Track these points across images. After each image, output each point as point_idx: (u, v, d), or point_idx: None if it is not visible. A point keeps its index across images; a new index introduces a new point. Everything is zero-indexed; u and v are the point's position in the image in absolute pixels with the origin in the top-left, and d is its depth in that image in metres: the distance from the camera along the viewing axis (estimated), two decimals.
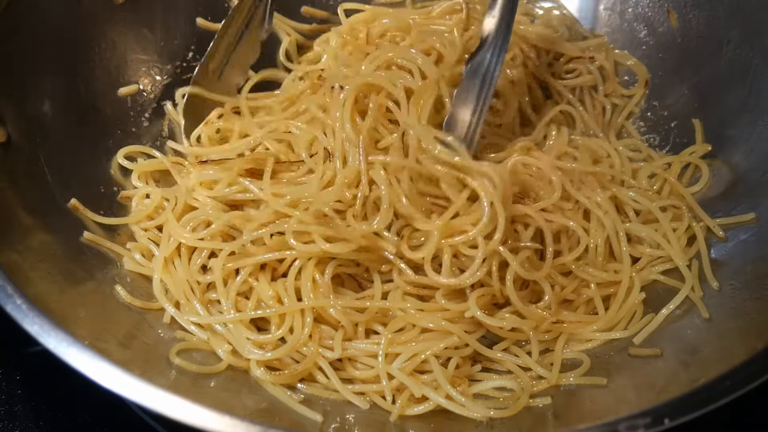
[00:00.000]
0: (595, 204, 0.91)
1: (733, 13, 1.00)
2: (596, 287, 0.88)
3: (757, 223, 0.89)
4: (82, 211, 0.91)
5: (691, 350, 0.79)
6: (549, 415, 0.77)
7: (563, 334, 0.86)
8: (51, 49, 0.96)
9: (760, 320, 0.76)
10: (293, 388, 0.81)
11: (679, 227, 0.92)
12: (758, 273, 0.83)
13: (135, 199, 0.97)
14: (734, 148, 0.97)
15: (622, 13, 1.13)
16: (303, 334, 0.81)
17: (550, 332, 0.86)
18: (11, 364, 0.93)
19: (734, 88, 0.98)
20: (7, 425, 0.88)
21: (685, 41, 1.06)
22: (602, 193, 0.92)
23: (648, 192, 0.96)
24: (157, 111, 1.08)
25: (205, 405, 0.64)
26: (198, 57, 1.11)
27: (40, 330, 0.67)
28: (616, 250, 0.91)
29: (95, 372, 0.65)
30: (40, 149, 0.91)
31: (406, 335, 0.83)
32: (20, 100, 0.91)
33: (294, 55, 1.13)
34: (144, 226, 0.93)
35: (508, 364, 0.84)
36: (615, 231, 0.90)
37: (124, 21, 1.05)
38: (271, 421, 0.74)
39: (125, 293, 0.85)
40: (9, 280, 0.70)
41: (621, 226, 0.91)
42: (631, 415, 0.62)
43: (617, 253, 0.91)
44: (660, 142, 1.05)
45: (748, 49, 0.97)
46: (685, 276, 0.88)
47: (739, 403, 0.64)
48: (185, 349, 0.81)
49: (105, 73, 1.03)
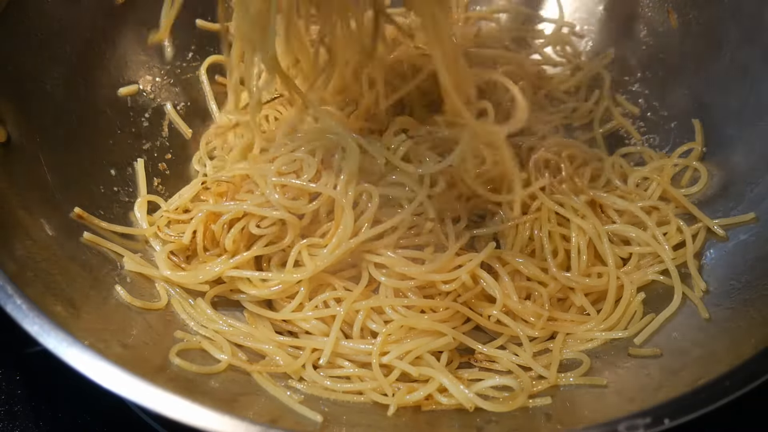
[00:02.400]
0: (571, 209, 0.92)
1: (733, 13, 1.00)
2: (581, 292, 0.89)
3: (757, 223, 0.89)
4: (87, 218, 0.91)
5: (691, 350, 0.79)
6: (549, 415, 0.77)
7: (560, 333, 0.86)
8: (51, 49, 0.96)
9: (760, 320, 0.76)
10: (293, 389, 0.81)
11: (669, 229, 0.93)
12: (758, 273, 0.83)
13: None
14: (734, 148, 0.97)
15: (621, 13, 1.14)
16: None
17: (543, 329, 0.86)
18: (11, 364, 0.93)
19: (734, 88, 0.98)
20: (7, 425, 0.88)
21: (685, 41, 1.06)
22: (578, 198, 0.93)
23: (631, 194, 0.97)
24: (157, 111, 1.08)
25: (205, 405, 0.64)
26: (198, 57, 1.11)
27: (40, 330, 0.67)
28: (600, 251, 0.91)
29: (95, 372, 0.65)
30: (40, 149, 0.91)
31: (396, 334, 0.84)
32: (20, 100, 0.91)
33: None
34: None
35: (505, 362, 0.84)
36: (597, 234, 0.91)
37: (124, 21, 1.05)
38: (271, 421, 0.73)
39: (125, 293, 0.85)
40: (9, 280, 0.70)
41: (602, 229, 0.91)
42: (631, 415, 0.62)
43: (602, 254, 0.91)
44: (660, 142, 1.05)
45: (748, 49, 0.97)
46: (672, 276, 0.88)
47: (739, 403, 0.64)
48: (185, 349, 0.82)
49: (105, 73, 1.03)
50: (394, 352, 0.82)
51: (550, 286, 0.88)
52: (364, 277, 0.87)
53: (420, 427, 0.78)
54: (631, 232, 0.92)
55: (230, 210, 0.89)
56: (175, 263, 0.91)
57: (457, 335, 0.84)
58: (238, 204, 0.89)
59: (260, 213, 0.88)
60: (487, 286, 0.86)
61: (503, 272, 0.87)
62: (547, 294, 0.87)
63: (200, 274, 0.89)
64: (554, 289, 0.88)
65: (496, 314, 0.85)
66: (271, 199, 0.87)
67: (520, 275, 0.89)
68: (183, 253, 0.92)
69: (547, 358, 0.85)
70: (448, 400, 0.79)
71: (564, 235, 0.91)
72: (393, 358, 0.82)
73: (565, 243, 0.91)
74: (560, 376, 0.82)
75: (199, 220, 0.90)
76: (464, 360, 0.86)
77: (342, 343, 0.84)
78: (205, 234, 0.91)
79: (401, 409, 0.79)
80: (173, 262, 0.91)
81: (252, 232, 0.88)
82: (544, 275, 0.88)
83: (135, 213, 0.96)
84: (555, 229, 0.91)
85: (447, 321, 0.85)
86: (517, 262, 0.88)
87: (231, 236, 0.88)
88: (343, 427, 0.76)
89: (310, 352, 0.84)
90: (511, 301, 0.86)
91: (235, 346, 0.85)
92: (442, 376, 0.80)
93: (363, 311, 0.85)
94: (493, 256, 0.88)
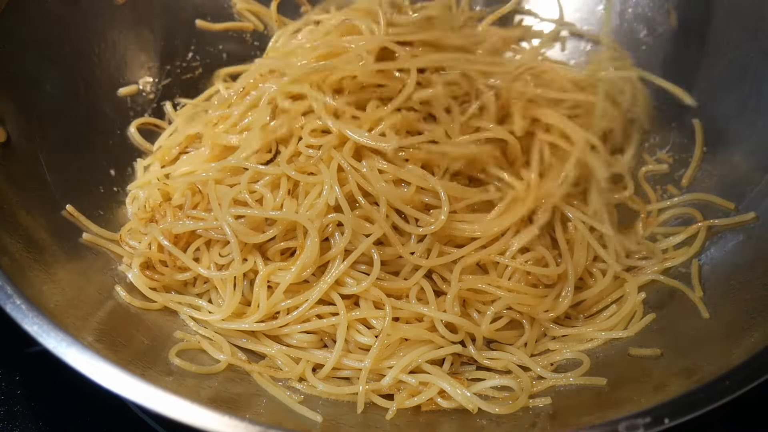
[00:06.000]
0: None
1: (733, 13, 1.00)
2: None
3: (757, 222, 0.89)
4: (77, 217, 0.90)
5: (690, 350, 0.79)
6: (549, 415, 0.77)
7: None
8: (51, 49, 0.96)
9: (760, 320, 0.76)
10: (293, 389, 0.81)
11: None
12: (758, 273, 0.83)
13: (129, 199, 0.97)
14: (734, 148, 0.97)
15: (622, 13, 1.13)
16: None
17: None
18: (11, 364, 0.93)
19: (734, 88, 0.98)
20: (7, 425, 0.88)
21: (685, 41, 1.06)
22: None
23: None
24: (157, 111, 1.08)
25: (205, 405, 0.64)
26: (198, 57, 1.11)
27: (40, 330, 0.67)
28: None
29: (95, 372, 0.65)
30: (40, 149, 0.91)
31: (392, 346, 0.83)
32: (20, 100, 0.91)
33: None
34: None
35: (505, 363, 0.84)
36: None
37: (124, 21, 1.05)
38: (271, 421, 0.73)
39: (125, 293, 0.86)
40: (9, 280, 0.70)
41: (595, 243, 0.90)
42: (631, 415, 0.63)
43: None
44: (660, 142, 1.05)
45: (748, 49, 0.97)
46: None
47: (739, 403, 0.64)
48: (185, 349, 0.82)
49: (105, 73, 1.03)
50: (395, 369, 0.81)
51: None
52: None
53: (420, 428, 0.78)
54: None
55: (184, 229, 0.88)
56: (149, 277, 0.88)
57: (455, 347, 0.83)
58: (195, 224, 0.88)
59: (211, 237, 0.87)
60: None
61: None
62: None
63: (160, 297, 0.88)
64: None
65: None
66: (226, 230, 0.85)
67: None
68: (156, 261, 0.89)
69: (547, 358, 0.85)
70: (448, 403, 0.79)
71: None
72: (396, 372, 0.81)
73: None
74: (560, 376, 0.82)
75: (152, 237, 0.89)
76: (463, 359, 0.86)
77: (344, 361, 0.83)
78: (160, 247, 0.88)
79: (401, 410, 0.79)
80: (148, 277, 0.88)
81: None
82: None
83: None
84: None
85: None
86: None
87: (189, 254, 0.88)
88: (343, 427, 0.76)
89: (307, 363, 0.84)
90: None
91: (235, 346, 0.85)
92: (443, 381, 0.80)
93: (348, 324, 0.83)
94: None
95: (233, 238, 0.84)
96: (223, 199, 0.86)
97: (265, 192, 0.86)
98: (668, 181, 1.01)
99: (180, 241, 0.89)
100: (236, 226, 0.85)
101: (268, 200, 0.86)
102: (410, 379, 0.80)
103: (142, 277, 0.87)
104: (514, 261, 0.85)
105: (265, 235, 0.85)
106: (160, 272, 0.88)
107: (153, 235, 0.88)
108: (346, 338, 0.83)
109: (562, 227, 0.90)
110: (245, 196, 0.86)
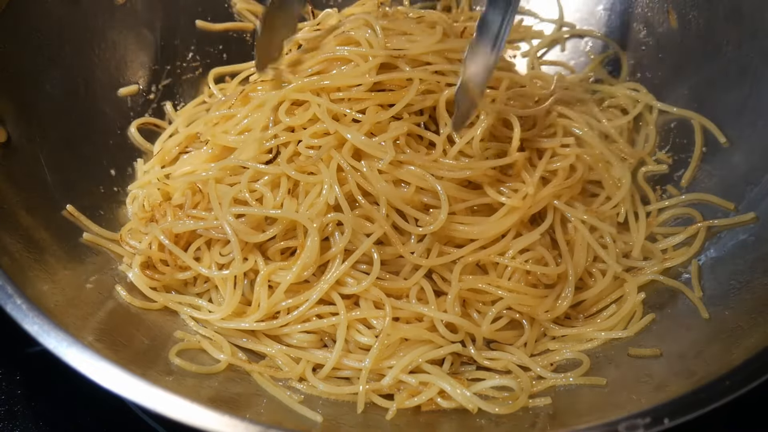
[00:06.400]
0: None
1: (733, 13, 1.00)
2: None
3: (757, 222, 0.89)
4: (77, 216, 0.91)
5: (690, 350, 0.79)
6: (549, 415, 0.77)
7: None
8: (51, 49, 0.96)
9: (761, 320, 0.76)
10: (293, 388, 0.81)
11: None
12: (758, 273, 0.83)
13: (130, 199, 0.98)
14: (734, 148, 0.97)
15: (621, 13, 1.14)
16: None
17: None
18: (11, 364, 0.93)
19: (734, 88, 0.98)
20: (7, 425, 0.88)
21: (685, 41, 1.06)
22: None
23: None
24: (157, 111, 1.08)
25: (205, 405, 0.64)
26: (198, 57, 1.11)
27: (40, 330, 0.67)
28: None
29: (95, 372, 0.65)
30: (40, 149, 0.91)
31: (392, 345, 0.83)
32: (20, 100, 0.91)
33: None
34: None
35: (505, 363, 0.84)
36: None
37: (124, 21, 1.05)
38: (271, 421, 0.73)
39: (125, 293, 0.86)
40: (9, 280, 0.70)
41: (595, 244, 0.90)
42: (631, 415, 0.63)
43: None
44: (660, 142, 1.05)
45: (748, 49, 0.97)
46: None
47: (740, 403, 0.64)
48: (185, 349, 0.82)
49: (105, 73, 1.03)
50: (395, 369, 0.81)
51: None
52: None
53: (420, 428, 0.78)
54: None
55: (185, 228, 0.88)
56: (150, 276, 0.88)
57: (454, 347, 0.83)
58: (196, 223, 0.88)
59: (211, 236, 0.87)
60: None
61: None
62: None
63: (161, 297, 0.88)
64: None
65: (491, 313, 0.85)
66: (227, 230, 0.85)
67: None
68: (157, 261, 0.89)
69: (547, 358, 0.85)
70: (448, 403, 0.79)
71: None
72: (396, 372, 0.81)
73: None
74: (560, 376, 0.82)
75: (153, 236, 0.89)
76: (463, 359, 0.86)
77: (344, 361, 0.83)
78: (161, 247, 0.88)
79: (401, 410, 0.79)
80: (148, 277, 0.88)
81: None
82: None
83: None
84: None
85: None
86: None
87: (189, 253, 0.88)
88: (343, 427, 0.76)
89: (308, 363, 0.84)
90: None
91: (235, 345, 0.85)
92: (443, 381, 0.80)
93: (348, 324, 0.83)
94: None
95: (234, 237, 0.84)
96: (223, 198, 0.86)
97: (266, 191, 0.86)
98: (668, 181, 1.01)
99: (180, 241, 0.89)
100: (237, 225, 0.85)
101: (268, 199, 0.86)
102: (410, 379, 0.81)
103: (143, 276, 0.88)
104: (513, 261, 0.85)
105: (266, 235, 0.85)
106: (160, 272, 0.88)
107: (153, 234, 0.88)
108: (346, 338, 0.83)
109: (562, 228, 0.90)
110: (245, 195, 0.86)
